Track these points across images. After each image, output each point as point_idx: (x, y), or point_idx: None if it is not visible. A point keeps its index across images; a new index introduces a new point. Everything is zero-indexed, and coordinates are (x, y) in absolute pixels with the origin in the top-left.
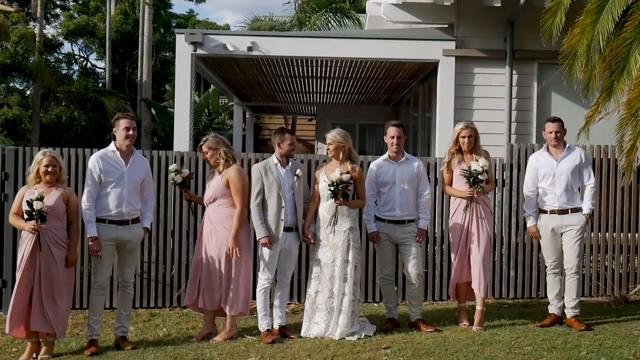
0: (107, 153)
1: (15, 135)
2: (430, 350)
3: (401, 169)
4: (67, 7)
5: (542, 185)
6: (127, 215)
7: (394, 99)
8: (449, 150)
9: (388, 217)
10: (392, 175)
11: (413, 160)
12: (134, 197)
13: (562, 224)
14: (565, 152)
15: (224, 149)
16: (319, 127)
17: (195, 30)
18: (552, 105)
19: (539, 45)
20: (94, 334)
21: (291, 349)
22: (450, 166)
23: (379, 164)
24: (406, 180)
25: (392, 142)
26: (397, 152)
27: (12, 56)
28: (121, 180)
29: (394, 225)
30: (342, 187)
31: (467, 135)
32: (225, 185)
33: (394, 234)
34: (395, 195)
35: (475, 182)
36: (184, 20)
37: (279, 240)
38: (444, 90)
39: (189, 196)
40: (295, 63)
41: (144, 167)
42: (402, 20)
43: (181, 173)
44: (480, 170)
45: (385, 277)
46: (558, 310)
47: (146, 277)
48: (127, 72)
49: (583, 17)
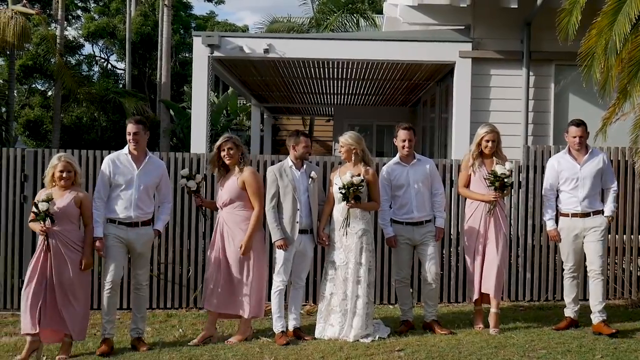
0: (120, 156)
1: (36, 136)
2: (444, 353)
3: (414, 171)
4: (88, 8)
5: (563, 189)
6: (136, 218)
7: (412, 100)
8: (471, 153)
9: (406, 219)
10: (405, 178)
11: (425, 161)
12: (144, 200)
13: (584, 227)
14: (588, 156)
15: (244, 149)
16: (336, 128)
17: (212, 32)
18: (570, 106)
19: (556, 46)
20: (106, 333)
21: (305, 350)
22: (472, 169)
23: (391, 167)
24: (420, 181)
25: (404, 145)
26: (408, 155)
27: (34, 58)
28: (131, 183)
29: (413, 227)
30: (353, 190)
31: (491, 139)
32: (241, 187)
33: (412, 236)
34: (411, 197)
35: (503, 186)
36: (203, 21)
37: (294, 243)
38: (460, 91)
39: (201, 201)
40: (312, 65)
41: (157, 171)
42: (418, 21)
43: (194, 179)
44: (507, 173)
45: (402, 279)
46: (574, 313)
47: (163, 278)
48: (147, 73)
49: (600, 19)
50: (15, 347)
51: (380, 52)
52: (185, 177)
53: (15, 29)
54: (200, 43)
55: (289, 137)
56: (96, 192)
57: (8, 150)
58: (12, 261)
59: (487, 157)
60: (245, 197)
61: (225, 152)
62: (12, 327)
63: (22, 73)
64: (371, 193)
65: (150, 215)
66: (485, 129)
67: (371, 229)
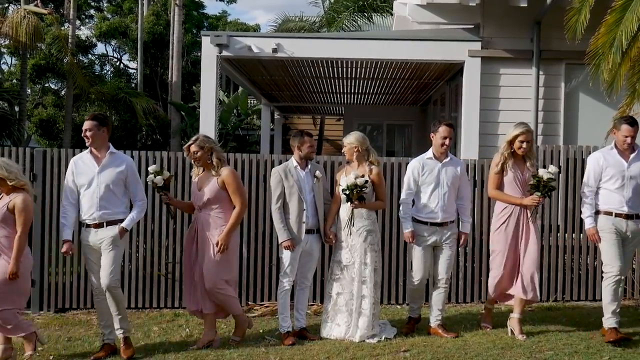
0: (83, 155)
1: (49, 135)
2: (450, 354)
3: (445, 170)
4: (101, 8)
5: (607, 187)
6: (100, 219)
7: (422, 99)
8: (502, 153)
9: (430, 219)
10: (436, 176)
11: (456, 161)
12: (109, 199)
13: (627, 229)
14: (635, 155)
15: (217, 148)
16: (346, 128)
17: (220, 32)
18: (580, 106)
19: (566, 45)
20: (105, 338)
21: (311, 351)
22: (505, 169)
23: (423, 162)
24: (450, 181)
25: (443, 142)
26: (444, 153)
27: (47, 57)
28: (92, 182)
29: (436, 227)
30: (357, 192)
31: (526, 139)
32: (221, 187)
33: (435, 237)
34: (439, 197)
35: (547, 190)
36: (215, 20)
37: (300, 243)
38: (470, 91)
39: (169, 199)
40: (321, 64)
41: (119, 168)
42: (427, 20)
43: (162, 175)
44: (553, 177)
45: (420, 281)
46: (617, 324)
47: (170, 277)
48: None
49: (608, 17)
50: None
51: (390, 52)
52: (153, 173)
53: (28, 28)
54: (208, 43)
55: (293, 137)
56: (63, 195)
57: (17, 150)
58: None
59: (518, 157)
60: (225, 199)
61: (192, 156)
62: None
63: (35, 72)
64: (377, 192)
65: (120, 214)
66: (520, 129)
67: (377, 228)
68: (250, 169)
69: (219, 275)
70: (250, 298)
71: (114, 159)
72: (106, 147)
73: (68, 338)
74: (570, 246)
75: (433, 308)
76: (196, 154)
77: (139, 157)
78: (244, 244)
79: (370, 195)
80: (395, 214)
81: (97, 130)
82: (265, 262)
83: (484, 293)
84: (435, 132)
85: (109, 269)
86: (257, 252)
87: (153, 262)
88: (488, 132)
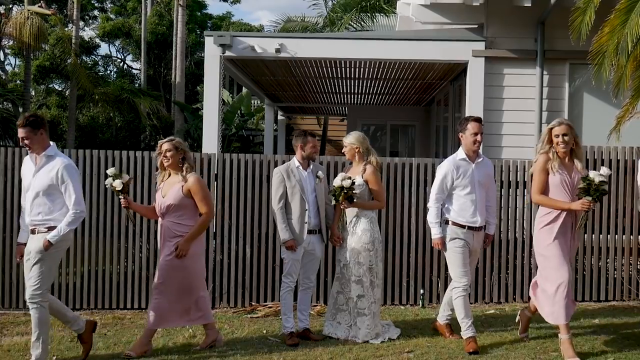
0: (29, 158)
1: (53, 136)
2: (454, 355)
3: (478, 170)
4: (105, 9)
5: None
6: (32, 225)
7: (425, 99)
8: (540, 152)
9: (470, 223)
10: (471, 177)
11: (487, 161)
12: (41, 205)
13: None
14: None
15: (189, 155)
16: (350, 128)
17: (223, 32)
18: (584, 106)
19: (570, 45)
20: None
21: (314, 352)
22: (551, 171)
23: (457, 163)
24: (483, 182)
25: (475, 139)
26: (476, 151)
27: (51, 58)
28: (30, 186)
29: (473, 232)
30: (343, 193)
31: (563, 133)
32: (186, 195)
33: (472, 241)
34: (476, 199)
35: (599, 194)
36: (218, 20)
37: (302, 243)
38: (473, 91)
39: (128, 203)
40: (324, 64)
41: (51, 173)
42: (430, 20)
43: (121, 178)
44: (605, 180)
45: (468, 288)
46: None
47: None
48: (162, 73)
49: (613, 17)
50: (26, 347)
51: (393, 52)
52: (111, 176)
53: (31, 29)
54: (212, 43)
55: (296, 137)
56: None
57: (20, 150)
58: None
59: (564, 157)
60: (189, 207)
61: (163, 154)
62: (24, 326)
63: (38, 73)
64: (372, 192)
65: (50, 222)
66: (554, 122)
67: (373, 228)
68: (253, 169)
69: None
70: (254, 299)
71: (47, 162)
72: (44, 148)
73: (71, 339)
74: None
75: (446, 307)
76: (168, 152)
77: (142, 157)
78: (247, 245)
79: (366, 195)
80: (398, 213)
81: (34, 135)
82: (269, 262)
83: (487, 293)
84: (463, 130)
85: (30, 282)
86: (259, 253)
87: (156, 262)
88: (492, 133)
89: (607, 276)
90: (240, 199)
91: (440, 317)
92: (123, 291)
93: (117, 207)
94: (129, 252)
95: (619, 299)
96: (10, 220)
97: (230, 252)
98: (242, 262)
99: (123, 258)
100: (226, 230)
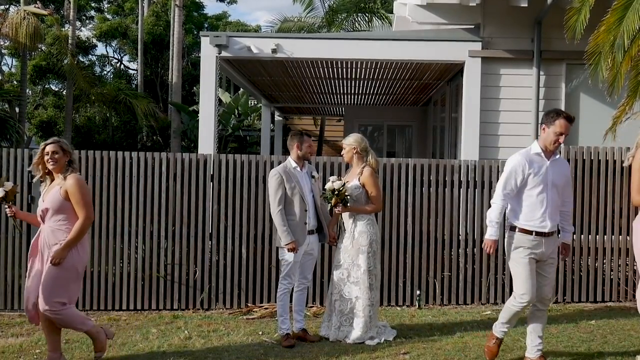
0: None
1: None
2: (450, 356)
3: (553, 169)
4: (101, 9)
5: None
6: None
7: (422, 99)
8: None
9: (537, 228)
10: (544, 176)
11: (563, 160)
12: None
13: None
14: None
15: (75, 158)
16: (347, 128)
17: (219, 32)
18: (581, 106)
19: (567, 45)
20: None
21: (310, 353)
22: None
23: (530, 158)
24: (557, 182)
25: (557, 138)
26: (555, 149)
27: (47, 58)
28: None
29: (542, 238)
30: (336, 195)
31: None
32: (64, 197)
33: (541, 249)
34: (547, 202)
35: None
36: (215, 21)
37: (303, 244)
38: (470, 91)
39: (13, 212)
40: (321, 65)
41: None
42: (427, 21)
43: (3, 186)
44: None
45: (530, 302)
46: None
47: (169, 279)
48: (159, 73)
49: (609, 16)
50: (21, 349)
51: (389, 52)
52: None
53: (28, 29)
54: (208, 43)
55: (293, 136)
56: None
57: (15, 151)
58: (20, 262)
59: None
60: (70, 210)
61: (49, 156)
62: (19, 327)
63: (35, 73)
64: (369, 195)
65: None
66: None
67: (370, 230)
68: (249, 170)
69: (54, 296)
70: (250, 300)
71: None
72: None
73: (66, 340)
74: (571, 248)
75: (532, 335)
76: (55, 154)
77: (137, 158)
78: (243, 246)
79: (363, 198)
80: (395, 214)
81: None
82: (265, 263)
83: (484, 294)
84: (549, 124)
85: None
86: (256, 254)
87: (152, 263)
88: (488, 133)
89: (603, 277)
90: (237, 200)
91: (530, 351)
92: (118, 292)
93: (112, 208)
94: (124, 253)
95: (615, 300)
96: (6, 222)
97: (226, 253)
98: (238, 263)
99: (118, 259)
100: (222, 231)
